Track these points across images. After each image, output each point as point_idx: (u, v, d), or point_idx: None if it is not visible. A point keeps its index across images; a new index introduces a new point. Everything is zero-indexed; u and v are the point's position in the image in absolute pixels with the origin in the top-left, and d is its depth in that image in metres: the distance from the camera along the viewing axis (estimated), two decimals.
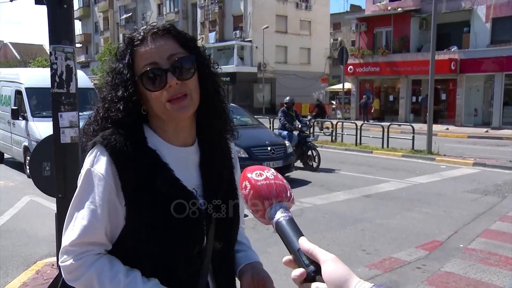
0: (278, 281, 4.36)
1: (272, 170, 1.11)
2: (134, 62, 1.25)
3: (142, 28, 1.29)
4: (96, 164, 1.21)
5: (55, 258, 4.71)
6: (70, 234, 1.20)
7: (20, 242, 5.82)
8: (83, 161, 1.27)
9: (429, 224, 6.70)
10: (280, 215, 0.99)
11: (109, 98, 1.26)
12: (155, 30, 1.26)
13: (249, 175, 1.07)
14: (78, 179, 1.25)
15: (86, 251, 1.20)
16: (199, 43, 1.35)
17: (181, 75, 1.23)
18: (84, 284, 1.19)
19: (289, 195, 1.05)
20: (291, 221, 0.98)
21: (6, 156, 12.49)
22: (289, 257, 0.93)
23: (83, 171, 1.23)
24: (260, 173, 1.07)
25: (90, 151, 1.24)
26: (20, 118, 10.41)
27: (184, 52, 1.26)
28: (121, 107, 1.23)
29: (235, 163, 1.45)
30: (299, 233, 0.95)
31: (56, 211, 3.71)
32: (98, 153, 1.22)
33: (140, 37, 1.26)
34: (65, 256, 1.21)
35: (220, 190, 1.33)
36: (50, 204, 7.04)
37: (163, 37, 1.26)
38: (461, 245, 5.77)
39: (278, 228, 0.98)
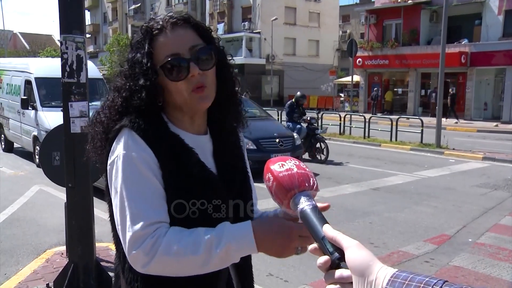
0: (286, 273, 4.40)
1: (295, 160, 1.11)
2: (153, 52, 1.24)
3: (159, 17, 1.28)
4: (133, 147, 1.19)
5: (64, 247, 4.75)
6: (138, 219, 1.15)
7: (30, 231, 5.88)
8: (110, 147, 1.23)
9: (437, 218, 6.67)
10: (304, 204, 1.00)
11: (126, 87, 1.24)
12: (174, 20, 1.25)
13: (271, 166, 1.07)
14: (110, 167, 1.21)
15: (157, 228, 1.16)
16: (214, 34, 1.35)
17: (203, 65, 1.24)
18: (163, 253, 1.12)
19: (312, 183, 1.05)
20: (315, 209, 0.99)
21: (15, 145, 12.58)
22: (314, 245, 0.94)
23: (119, 158, 1.19)
24: (282, 164, 1.07)
25: (117, 136, 1.22)
26: (29, 108, 10.48)
27: (203, 42, 1.27)
28: (145, 96, 1.22)
29: (244, 150, 1.47)
30: (324, 221, 0.95)
31: (65, 201, 3.73)
32: (130, 136, 1.20)
33: (158, 27, 1.25)
34: (138, 242, 1.14)
35: (235, 180, 1.34)
36: (59, 193, 7.10)
37: (182, 27, 1.26)
38: (470, 240, 5.74)
39: (303, 217, 0.99)
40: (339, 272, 0.85)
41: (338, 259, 0.86)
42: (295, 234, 1.13)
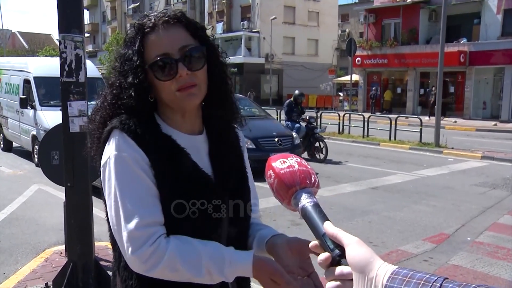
0: None
1: (297, 157, 1.11)
2: (144, 49, 1.23)
3: (152, 14, 1.27)
4: (123, 148, 1.19)
5: (63, 246, 4.75)
6: (132, 218, 1.14)
7: (29, 230, 5.88)
8: (103, 148, 1.23)
9: (436, 217, 6.68)
10: (305, 201, 1.00)
11: (117, 84, 1.25)
12: (167, 18, 1.25)
13: (273, 163, 1.07)
14: (103, 168, 1.21)
15: (155, 232, 1.15)
16: (209, 32, 1.34)
17: (192, 65, 1.23)
18: (164, 268, 1.14)
19: (313, 180, 1.05)
20: (316, 206, 0.99)
21: (14, 144, 12.57)
22: (315, 242, 0.94)
23: (110, 159, 1.19)
24: (283, 161, 1.07)
25: (109, 138, 1.22)
26: (28, 107, 10.48)
27: (195, 42, 1.26)
28: (133, 94, 1.21)
29: (243, 150, 1.45)
30: (324, 218, 0.96)
31: (64, 200, 3.73)
32: (120, 137, 1.20)
33: (150, 24, 1.24)
34: (134, 244, 1.14)
35: (232, 180, 1.33)
36: (58, 193, 7.10)
37: (175, 26, 1.25)
38: (469, 238, 5.75)
39: (304, 214, 0.99)
40: (339, 269, 0.85)
41: (338, 256, 0.87)
42: (268, 275, 1.16)
